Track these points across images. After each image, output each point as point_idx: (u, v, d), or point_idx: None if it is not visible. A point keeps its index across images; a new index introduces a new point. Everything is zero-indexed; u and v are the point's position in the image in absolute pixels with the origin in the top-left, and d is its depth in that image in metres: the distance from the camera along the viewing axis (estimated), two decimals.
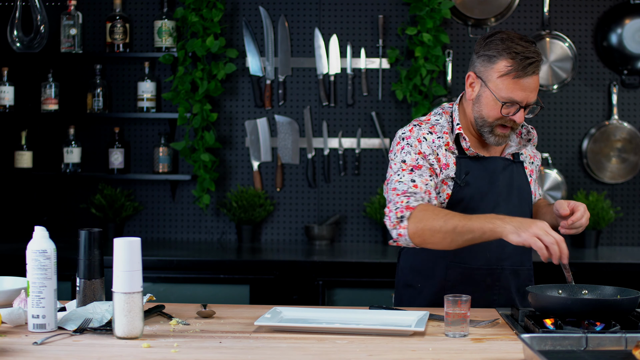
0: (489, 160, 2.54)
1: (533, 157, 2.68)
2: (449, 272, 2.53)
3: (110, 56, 4.39)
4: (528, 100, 2.44)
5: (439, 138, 2.51)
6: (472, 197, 2.50)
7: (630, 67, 4.40)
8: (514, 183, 2.56)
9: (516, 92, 2.42)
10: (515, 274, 2.57)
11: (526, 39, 2.45)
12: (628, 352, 1.85)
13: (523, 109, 2.45)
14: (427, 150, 2.49)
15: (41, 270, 2.11)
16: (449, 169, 2.50)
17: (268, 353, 1.94)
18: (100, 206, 4.38)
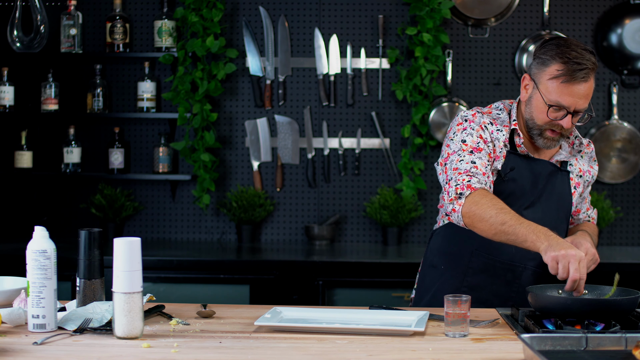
0: (537, 162, 2.58)
1: (584, 172, 2.67)
2: (472, 259, 2.59)
3: (110, 56, 4.39)
4: (577, 107, 2.46)
5: (498, 130, 2.57)
6: (512, 192, 2.54)
7: (630, 67, 4.40)
8: (556, 189, 2.59)
9: (564, 97, 2.44)
10: (537, 276, 2.57)
11: (583, 47, 2.47)
12: (628, 352, 1.85)
13: (571, 115, 2.47)
14: (487, 138, 2.56)
15: (41, 270, 2.11)
16: (499, 161, 2.55)
17: (268, 353, 1.94)
18: (100, 206, 4.38)
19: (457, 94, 4.44)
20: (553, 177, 2.59)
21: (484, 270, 2.58)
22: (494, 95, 4.46)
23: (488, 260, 2.57)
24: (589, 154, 2.70)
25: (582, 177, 2.67)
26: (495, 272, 2.57)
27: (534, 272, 2.57)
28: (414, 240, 4.48)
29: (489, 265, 2.57)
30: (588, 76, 2.44)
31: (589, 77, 2.45)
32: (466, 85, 4.46)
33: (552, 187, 2.59)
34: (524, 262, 2.56)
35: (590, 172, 2.70)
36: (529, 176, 2.56)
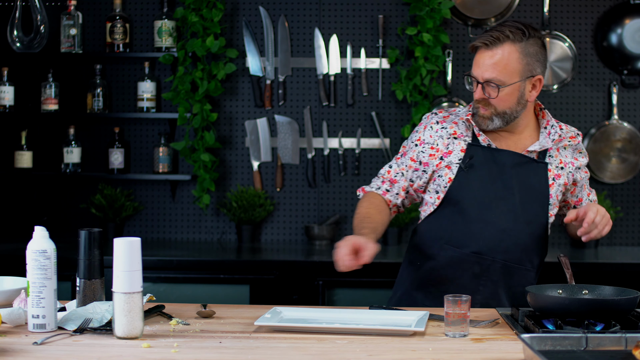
0: (500, 153, 2.56)
1: (566, 164, 2.63)
2: (441, 253, 2.58)
3: (110, 56, 4.39)
4: (483, 76, 2.48)
5: (443, 128, 2.61)
6: (475, 183, 2.54)
7: (630, 67, 4.40)
8: (528, 181, 2.56)
9: (474, 68, 2.51)
10: (508, 270, 2.55)
11: (517, 22, 2.49)
12: (628, 352, 1.85)
13: (481, 86, 2.49)
14: (428, 140, 2.62)
15: (41, 270, 2.11)
16: (452, 155, 2.57)
17: (268, 353, 1.94)
18: (100, 206, 4.38)
19: (457, 94, 4.44)
20: (523, 168, 2.56)
21: (450, 264, 2.57)
22: None
23: (455, 254, 2.56)
24: (574, 145, 2.65)
25: (563, 168, 2.61)
26: (461, 266, 2.56)
27: (505, 266, 2.55)
28: None
29: (455, 258, 2.56)
30: (493, 44, 2.46)
31: (495, 45, 2.46)
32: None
33: (524, 178, 2.55)
34: (493, 255, 2.54)
35: (575, 163, 2.64)
36: (492, 167, 2.54)
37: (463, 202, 2.55)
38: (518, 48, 2.47)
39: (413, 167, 2.63)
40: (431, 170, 2.60)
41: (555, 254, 4.11)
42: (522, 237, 2.55)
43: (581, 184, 2.69)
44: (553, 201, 2.60)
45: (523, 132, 2.61)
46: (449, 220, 2.57)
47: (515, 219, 2.54)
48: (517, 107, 2.53)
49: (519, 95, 2.51)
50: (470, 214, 2.54)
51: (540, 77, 2.53)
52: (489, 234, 2.53)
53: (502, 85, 2.47)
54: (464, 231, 2.54)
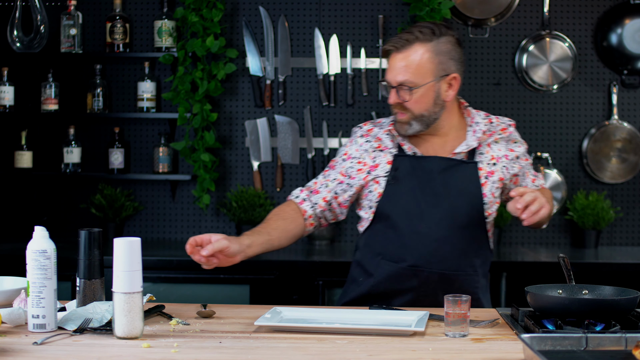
0: (426, 160, 2.50)
1: (499, 157, 2.56)
2: (378, 269, 2.54)
3: (110, 56, 4.40)
4: (395, 79, 2.43)
5: (367, 142, 2.58)
6: (403, 195, 2.49)
7: (630, 67, 4.40)
8: (459, 185, 2.50)
9: (387, 72, 2.46)
10: (447, 278, 2.51)
11: (428, 23, 2.44)
12: (628, 352, 1.85)
13: (394, 90, 2.44)
14: (354, 154, 2.59)
15: (41, 270, 2.11)
16: (379, 169, 2.53)
17: (268, 353, 1.94)
18: (100, 206, 4.38)
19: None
20: (452, 171, 2.50)
21: (388, 279, 2.53)
22: (494, 95, 4.46)
23: (392, 269, 2.52)
24: (506, 137, 2.59)
25: (496, 164, 2.55)
26: (399, 279, 2.52)
27: (442, 275, 2.50)
28: None
29: (393, 273, 2.52)
30: (403, 46, 2.41)
31: (405, 47, 2.41)
32: (466, 85, 4.46)
33: (454, 182, 2.50)
34: (430, 267, 2.50)
35: (510, 155, 2.59)
36: (420, 175, 2.49)
37: (393, 215, 2.50)
38: (429, 48, 2.42)
39: (339, 180, 2.58)
40: (358, 184, 2.56)
41: (555, 254, 4.12)
42: (459, 244, 2.50)
43: (523, 173, 2.63)
44: (489, 199, 2.53)
45: (449, 134, 2.55)
46: (383, 236, 2.53)
47: (448, 226, 2.49)
48: (435, 109, 2.47)
49: (434, 95, 2.45)
50: (402, 228, 2.49)
51: (455, 75, 2.47)
52: (423, 246, 2.48)
53: (415, 87, 2.42)
54: (398, 245, 2.50)
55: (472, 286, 2.54)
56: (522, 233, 4.48)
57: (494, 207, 2.56)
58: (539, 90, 4.43)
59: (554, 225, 4.47)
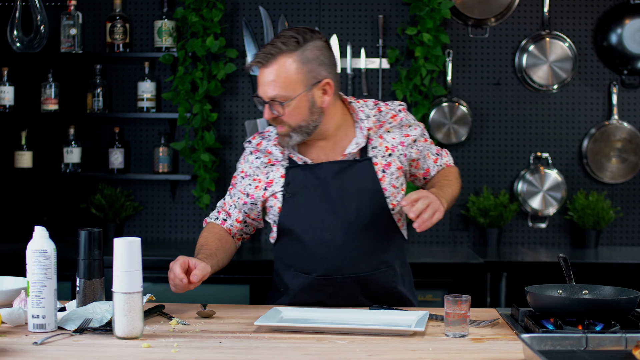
0: (318, 167, 2.44)
1: (394, 147, 2.50)
2: (293, 281, 2.51)
3: (110, 56, 4.40)
4: (267, 95, 2.35)
5: (257, 158, 2.53)
6: (302, 207, 2.45)
7: (630, 67, 4.40)
8: (355, 185, 2.44)
9: (258, 87, 2.38)
10: (360, 281, 2.47)
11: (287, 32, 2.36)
12: (628, 352, 1.85)
13: (267, 105, 2.36)
14: (249, 171, 2.55)
15: (41, 270, 2.11)
16: (274, 184, 2.48)
17: (268, 353, 1.94)
18: (100, 206, 4.38)
19: (457, 94, 4.45)
20: (346, 173, 2.44)
21: (304, 290, 2.49)
22: (494, 95, 4.46)
23: (306, 280, 2.48)
24: (398, 123, 2.52)
25: (392, 154, 2.49)
26: (315, 289, 2.48)
27: (355, 278, 2.46)
28: (414, 240, 4.48)
29: (307, 284, 2.48)
30: (268, 61, 2.32)
31: (270, 61, 2.32)
32: (466, 85, 4.46)
33: (350, 184, 2.44)
34: (341, 273, 2.45)
35: (405, 141, 2.52)
36: (314, 184, 2.44)
37: (296, 229, 2.46)
38: (295, 58, 2.33)
39: (243, 200, 2.54)
40: (260, 201, 2.51)
41: (555, 254, 4.12)
42: (366, 245, 2.46)
43: (423, 155, 2.57)
44: (391, 191, 2.47)
45: (337, 135, 2.48)
46: (290, 248, 2.50)
47: (351, 229, 2.44)
48: (313, 117, 2.39)
49: (309, 105, 2.37)
50: (306, 240, 2.45)
51: (328, 81, 2.38)
52: (330, 254, 2.44)
53: (287, 101, 2.34)
54: (306, 257, 2.46)
55: (390, 281, 2.50)
56: (522, 233, 4.48)
57: (399, 197, 2.49)
58: (539, 90, 4.43)
59: (553, 225, 4.48)
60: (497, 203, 4.33)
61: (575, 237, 4.43)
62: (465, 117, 4.36)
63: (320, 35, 2.40)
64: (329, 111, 2.43)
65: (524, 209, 4.43)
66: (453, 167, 2.67)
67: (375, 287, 2.49)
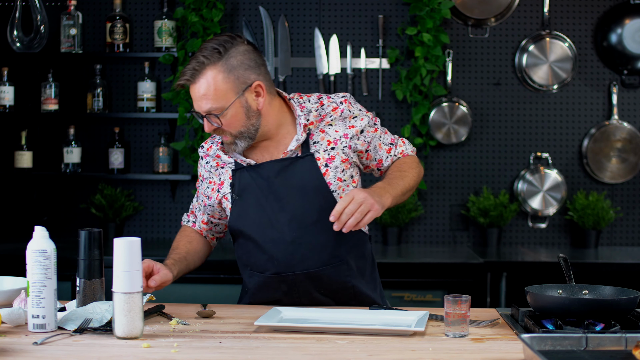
0: (262, 167, 2.47)
1: (337, 140, 2.49)
2: (251, 280, 2.53)
3: (110, 56, 4.40)
4: (202, 110, 2.38)
5: (207, 163, 2.58)
6: (249, 208, 2.47)
7: (630, 67, 4.40)
8: (299, 182, 2.45)
9: (193, 103, 2.41)
10: (312, 276, 2.47)
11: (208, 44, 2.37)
12: (628, 352, 1.85)
13: (205, 119, 2.39)
14: (205, 174, 2.61)
15: (41, 270, 2.11)
16: (224, 186, 2.52)
17: (268, 353, 1.94)
18: (100, 206, 4.38)
19: (457, 94, 4.45)
20: (289, 171, 2.45)
21: (260, 289, 2.52)
22: (494, 95, 4.46)
23: (261, 279, 2.50)
24: (339, 116, 2.51)
25: (335, 147, 2.48)
26: (270, 287, 2.50)
27: (307, 274, 2.46)
28: (414, 240, 4.48)
29: (262, 283, 2.50)
30: (194, 77, 2.35)
31: (196, 76, 2.34)
32: (466, 85, 4.46)
33: (294, 181, 2.45)
34: (292, 270, 2.46)
35: (349, 133, 2.50)
36: (260, 184, 2.46)
37: (245, 229, 2.48)
38: (220, 68, 2.34)
39: (205, 202, 2.60)
40: (216, 203, 2.56)
41: (555, 254, 4.12)
42: (315, 240, 2.45)
43: (374, 146, 2.56)
44: (337, 185, 2.46)
45: (279, 133, 2.49)
46: (245, 249, 2.52)
47: (299, 226, 2.44)
48: (252, 121, 2.41)
49: (244, 111, 2.39)
50: (256, 239, 2.47)
51: (258, 82, 2.39)
52: (280, 253, 2.45)
53: (222, 111, 2.36)
54: (259, 256, 2.48)
55: (343, 275, 2.49)
56: (522, 233, 4.48)
57: (348, 189, 2.48)
58: (539, 90, 4.43)
59: (553, 225, 4.48)
60: (497, 203, 4.33)
61: (575, 237, 4.43)
62: (465, 117, 4.36)
63: (242, 40, 2.42)
64: (266, 112, 2.45)
65: (524, 209, 4.43)
66: (410, 155, 2.64)
67: (328, 282, 2.48)
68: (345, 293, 2.51)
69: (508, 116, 4.47)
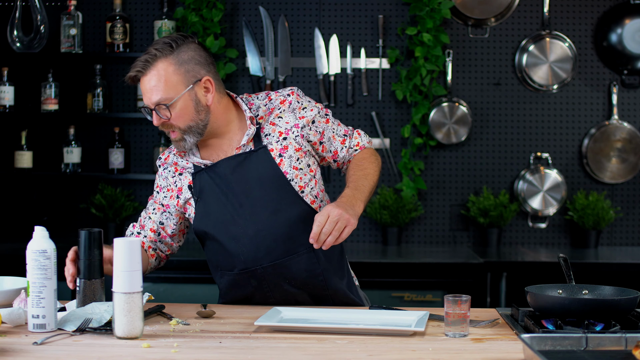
0: (217, 165, 2.49)
1: (287, 130, 2.52)
2: (222, 280, 2.55)
3: (110, 56, 4.40)
4: (152, 101, 2.41)
5: (166, 169, 2.58)
6: (211, 208, 2.49)
7: (630, 67, 4.40)
8: (256, 175, 2.48)
9: (143, 97, 2.44)
10: (281, 266, 2.48)
11: (167, 39, 2.41)
12: (628, 352, 1.85)
13: (155, 112, 2.41)
14: (162, 183, 2.59)
15: (41, 270, 2.11)
16: (184, 191, 2.53)
17: (268, 353, 1.94)
18: (100, 206, 4.38)
19: (457, 94, 4.45)
20: (244, 165, 2.48)
21: (231, 287, 2.53)
22: (494, 95, 4.46)
23: (230, 277, 2.52)
24: (289, 108, 2.54)
25: (286, 137, 2.51)
26: (240, 284, 2.51)
27: (274, 266, 2.47)
28: (414, 240, 4.48)
29: (232, 281, 2.52)
30: (145, 68, 2.39)
31: (147, 68, 2.38)
32: (466, 85, 4.46)
33: (250, 174, 2.48)
34: (260, 263, 2.47)
35: (299, 123, 2.53)
36: (218, 182, 2.48)
37: (209, 230, 2.50)
38: (171, 61, 2.39)
39: (160, 210, 2.58)
40: (175, 211, 2.56)
41: (555, 254, 4.12)
42: (277, 230, 2.47)
43: (328, 137, 2.58)
44: (294, 174, 2.49)
45: (230, 130, 2.52)
46: (212, 250, 2.54)
47: (260, 219, 2.47)
48: (200, 116, 2.44)
49: (194, 104, 2.43)
50: (220, 238, 2.49)
51: (208, 78, 2.44)
52: (245, 247, 2.47)
53: (170, 102, 2.40)
54: (225, 255, 2.50)
55: (310, 263, 2.50)
56: (522, 233, 4.48)
57: (306, 178, 2.51)
58: (539, 90, 4.43)
59: (554, 225, 4.48)
60: (497, 203, 4.33)
61: (575, 237, 4.43)
62: (465, 117, 4.36)
63: (193, 39, 2.47)
64: (215, 108, 2.48)
65: (524, 209, 4.43)
66: (367, 148, 2.67)
67: (297, 271, 2.49)
68: (315, 282, 2.51)
69: (508, 116, 4.47)
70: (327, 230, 2.31)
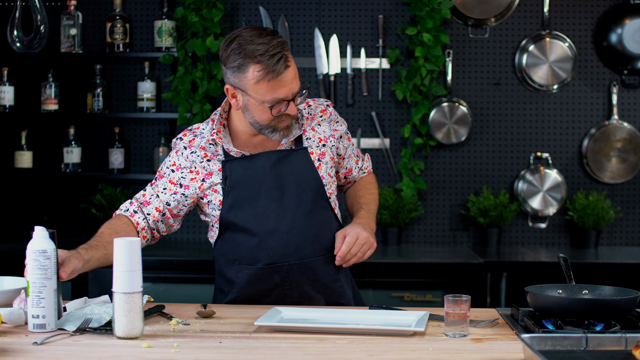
0: (256, 157, 2.49)
1: (326, 138, 2.58)
2: (239, 274, 2.52)
3: (110, 56, 4.40)
4: (293, 92, 2.41)
5: (193, 152, 2.52)
6: (243, 198, 2.48)
7: (630, 67, 4.40)
8: (294, 173, 2.50)
9: (279, 92, 2.38)
10: (306, 266, 2.49)
11: (266, 32, 2.39)
12: (628, 352, 1.85)
13: (292, 102, 2.42)
14: (184, 164, 2.53)
15: (41, 270, 2.11)
16: (213, 177, 2.50)
17: (268, 353, 1.94)
18: (100, 206, 4.38)
19: (457, 94, 4.45)
20: (284, 162, 2.50)
21: (251, 282, 2.51)
22: (494, 95, 4.46)
23: (251, 271, 2.50)
24: (327, 118, 2.60)
25: (325, 145, 2.56)
26: (262, 280, 2.50)
27: (301, 264, 2.49)
28: (414, 240, 4.48)
29: (253, 275, 2.50)
30: (287, 61, 2.38)
31: (289, 60, 2.39)
32: (466, 85, 4.46)
33: (289, 171, 2.50)
34: (286, 260, 2.48)
35: (335, 134, 2.60)
36: (253, 175, 2.48)
37: (239, 221, 2.48)
38: None
39: (172, 190, 2.52)
40: (194, 194, 2.52)
41: (555, 254, 4.12)
42: (308, 230, 2.49)
43: (348, 155, 2.67)
44: (327, 180, 2.54)
45: None
46: (234, 242, 2.52)
47: (293, 216, 2.48)
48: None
49: None
50: (250, 229, 2.48)
51: None
52: (274, 242, 2.47)
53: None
54: (251, 247, 2.49)
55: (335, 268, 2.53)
56: (522, 233, 4.48)
57: (333, 186, 2.58)
58: (539, 90, 4.43)
59: (554, 225, 4.48)
60: (497, 203, 4.33)
61: (575, 237, 4.43)
62: (465, 117, 4.36)
63: None
64: None
65: (524, 209, 4.43)
66: (372, 174, 2.81)
67: (321, 274, 2.51)
68: (334, 287, 2.53)
69: (508, 116, 4.47)
70: (354, 252, 2.45)
